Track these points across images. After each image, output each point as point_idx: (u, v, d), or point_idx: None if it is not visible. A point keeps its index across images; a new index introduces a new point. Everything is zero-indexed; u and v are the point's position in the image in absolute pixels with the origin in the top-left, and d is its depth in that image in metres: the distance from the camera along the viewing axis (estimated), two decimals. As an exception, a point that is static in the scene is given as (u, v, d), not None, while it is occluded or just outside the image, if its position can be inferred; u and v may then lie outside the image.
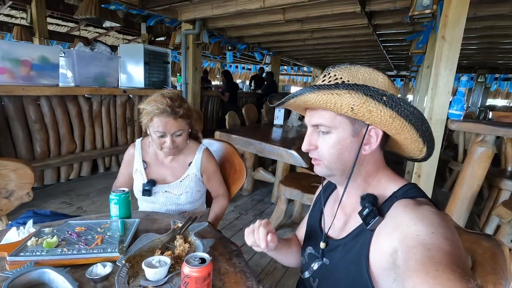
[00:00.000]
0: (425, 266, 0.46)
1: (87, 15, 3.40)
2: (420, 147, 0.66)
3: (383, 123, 0.60)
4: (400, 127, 0.61)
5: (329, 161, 0.66)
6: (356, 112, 0.59)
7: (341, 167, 0.66)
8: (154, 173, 1.25)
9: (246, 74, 13.42)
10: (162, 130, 1.10)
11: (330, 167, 0.67)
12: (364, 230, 0.62)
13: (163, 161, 1.26)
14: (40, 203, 2.65)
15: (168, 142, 1.13)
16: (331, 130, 0.64)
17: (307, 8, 3.26)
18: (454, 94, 2.01)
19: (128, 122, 3.78)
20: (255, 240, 0.71)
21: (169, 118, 1.09)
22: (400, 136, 0.64)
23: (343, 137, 0.64)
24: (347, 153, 0.65)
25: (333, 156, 0.65)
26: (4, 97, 2.58)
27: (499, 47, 5.10)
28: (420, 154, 0.69)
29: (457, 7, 1.79)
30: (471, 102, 9.10)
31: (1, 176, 1.15)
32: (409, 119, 0.59)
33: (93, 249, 0.77)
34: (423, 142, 0.64)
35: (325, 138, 0.65)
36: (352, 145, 0.64)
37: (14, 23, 6.31)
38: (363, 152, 0.65)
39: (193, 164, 1.25)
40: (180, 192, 1.23)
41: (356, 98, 0.56)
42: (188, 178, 1.24)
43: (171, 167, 1.26)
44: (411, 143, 0.65)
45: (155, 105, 1.09)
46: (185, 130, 1.17)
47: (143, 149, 1.28)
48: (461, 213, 2.00)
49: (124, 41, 8.59)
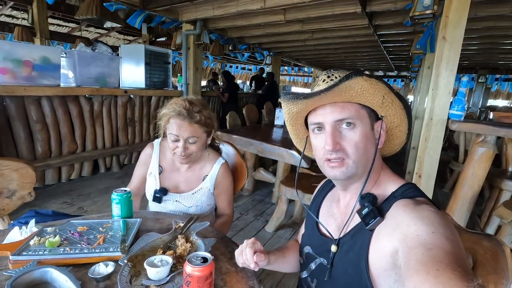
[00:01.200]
0: (426, 266, 0.46)
1: (88, 16, 3.41)
2: (403, 140, 0.74)
3: (396, 114, 0.67)
4: (403, 118, 0.68)
5: (358, 157, 0.64)
6: (385, 100, 0.63)
7: (366, 163, 0.65)
8: (168, 179, 1.21)
9: (247, 75, 13.44)
10: (175, 133, 1.07)
11: (357, 164, 0.64)
12: (362, 229, 0.63)
13: (179, 168, 1.22)
14: (41, 203, 2.65)
15: (180, 148, 1.08)
16: (356, 123, 0.64)
17: (308, 9, 3.26)
18: (455, 95, 2.01)
19: (129, 122, 3.78)
20: (244, 261, 0.71)
21: (184, 122, 1.06)
22: (399, 128, 0.71)
23: (366, 131, 0.65)
24: (370, 146, 0.66)
25: (361, 151, 0.64)
26: (6, 97, 2.59)
27: (500, 48, 5.10)
28: (397, 148, 0.77)
29: (458, 8, 1.79)
30: (472, 103, 9.10)
31: (3, 176, 1.15)
32: (407, 111, 0.67)
33: (95, 249, 0.78)
34: (407, 134, 0.72)
35: (350, 133, 0.64)
36: (371, 140, 0.66)
37: (15, 23, 6.32)
38: (378, 146, 0.67)
39: (208, 178, 1.21)
40: (191, 204, 1.19)
41: (384, 88, 0.62)
42: (201, 191, 1.20)
43: (186, 176, 1.22)
44: (402, 135, 0.73)
45: (173, 107, 1.07)
46: (200, 139, 1.11)
47: (161, 151, 1.23)
48: (462, 214, 2.00)
49: (125, 42, 8.61)
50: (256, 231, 2.47)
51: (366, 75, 0.59)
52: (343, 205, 0.74)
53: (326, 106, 0.65)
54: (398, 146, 0.76)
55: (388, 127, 0.71)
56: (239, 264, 0.74)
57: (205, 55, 7.65)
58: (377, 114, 0.68)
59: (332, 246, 0.70)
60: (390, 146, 0.77)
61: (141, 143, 4.01)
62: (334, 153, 0.64)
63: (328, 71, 0.68)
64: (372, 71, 11.18)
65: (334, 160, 0.65)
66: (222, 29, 4.49)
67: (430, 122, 1.95)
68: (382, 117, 0.67)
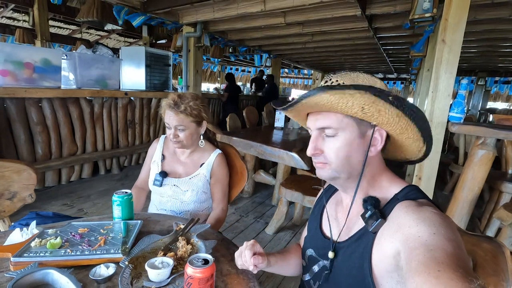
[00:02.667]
0: (428, 267, 0.46)
1: (89, 18, 3.44)
2: (420, 147, 0.68)
3: (389, 122, 0.62)
4: (405, 126, 0.62)
5: (337, 165, 0.66)
6: (366, 111, 0.60)
7: (349, 170, 0.66)
8: (168, 166, 1.34)
9: (247, 77, 13.47)
10: (167, 122, 1.24)
11: (337, 171, 0.67)
12: (367, 232, 0.63)
13: (179, 157, 1.36)
14: (41, 205, 2.65)
15: (171, 135, 1.24)
16: (338, 132, 0.65)
17: (308, 12, 3.28)
18: (455, 97, 2.02)
19: (129, 124, 3.79)
20: (243, 263, 0.72)
21: (172, 112, 1.21)
22: (403, 136, 0.65)
23: (351, 139, 0.64)
24: (355, 155, 0.65)
25: (342, 159, 0.65)
26: (7, 99, 2.59)
27: (499, 51, 5.12)
28: (418, 155, 0.71)
29: (457, 11, 1.80)
30: (472, 105, 9.12)
31: (5, 178, 1.15)
32: (413, 117, 0.60)
33: (96, 250, 0.78)
34: (423, 141, 0.65)
35: (332, 141, 0.66)
36: (359, 147, 0.65)
37: (17, 25, 6.35)
38: (369, 154, 0.65)
39: (205, 165, 1.32)
40: (187, 188, 1.29)
41: (367, 98, 0.58)
42: (198, 177, 1.31)
43: (184, 163, 1.35)
44: (413, 142, 0.67)
45: (166, 100, 1.25)
46: (189, 128, 1.25)
47: (165, 143, 1.40)
48: (462, 216, 2.00)
49: (125, 44, 8.64)
50: (256, 233, 2.46)
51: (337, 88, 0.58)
52: (345, 207, 0.74)
53: (313, 113, 0.68)
54: (416, 152, 0.70)
55: (391, 134, 0.67)
56: (238, 266, 0.75)
57: (207, 58, 7.68)
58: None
59: (329, 253, 0.71)
60: (404, 152, 0.72)
61: (141, 145, 4.02)
62: (315, 158, 0.69)
63: (327, 75, 0.68)
64: (372, 74, 11.20)
65: (317, 162, 0.69)
66: (222, 31, 4.50)
67: (430, 125, 1.96)
68: (374, 125, 0.65)
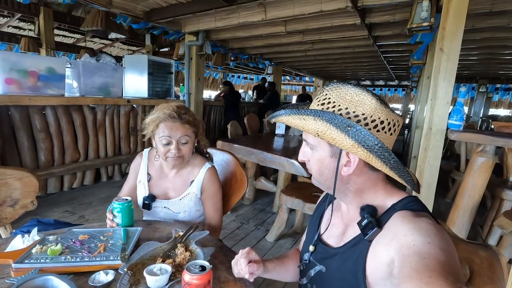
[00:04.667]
0: (419, 273, 0.47)
1: (94, 27, 3.50)
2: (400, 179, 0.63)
3: (350, 150, 0.60)
4: (365, 157, 0.59)
5: (315, 176, 0.72)
6: (322, 137, 0.61)
7: (324, 183, 0.70)
8: (156, 186, 1.24)
9: (249, 84, 13.57)
10: (167, 135, 1.10)
11: (317, 180, 0.72)
12: (362, 240, 0.63)
13: (167, 175, 1.25)
14: (43, 212, 2.66)
15: (173, 149, 1.11)
16: (314, 147, 0.68)
17: (308, 21, 3.33)
18: (454, 105, 2.03)
19: (132, 131, 3.82)
20: (239, 271, 0.73)
21: (176, 123, 1.10)
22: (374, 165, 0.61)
23: (322, 156, 0.67)
24: (327, 171, 0.67)
25: (316, 171, 0.70)
26: (11, 107, 2.64)
27: (499, 58, 5.14)
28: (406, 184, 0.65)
29: (454, 20, 1.82)
30: (473, 112, 9.09)
31: (7, 185, 1.17)
32: (373, 150, 0.57)
33: (96, 257, 0.79)
34: (397, 176, 0.62)
35: (312, 153, 0.69)
36: (331, 165, 0.66)
37: (22, 34, 6.46)
38: (342, 173, 0.65)
39: (195, 183, 1.22)
40: (179, 210, 1.21)
41: (320, 125, 0.59)
42: (188, 196, 1.22)
43: (173, 182, 1.24)
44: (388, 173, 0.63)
45: (161, 111, 1.11)
46: (191, 139, 1.16)
47: (150, 160, 1.27)
48: (463, 224, 1.99)
49: (128, 52, 8.74)
50: (257, 241, 2.46)
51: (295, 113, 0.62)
52: (344, 215, 0.75)
53: None
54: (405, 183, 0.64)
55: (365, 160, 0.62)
56: (235, 274, 0.76)
57: (207, 65, 7.75)
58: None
59: (310, 246, 0.77)
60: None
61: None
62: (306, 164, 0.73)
63: (324, 87, 0.68)
64: (373, 81, 11.26)
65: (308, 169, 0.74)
66: (224, 39, 4.57)
67: (429, 132, 1.97)
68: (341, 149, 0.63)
